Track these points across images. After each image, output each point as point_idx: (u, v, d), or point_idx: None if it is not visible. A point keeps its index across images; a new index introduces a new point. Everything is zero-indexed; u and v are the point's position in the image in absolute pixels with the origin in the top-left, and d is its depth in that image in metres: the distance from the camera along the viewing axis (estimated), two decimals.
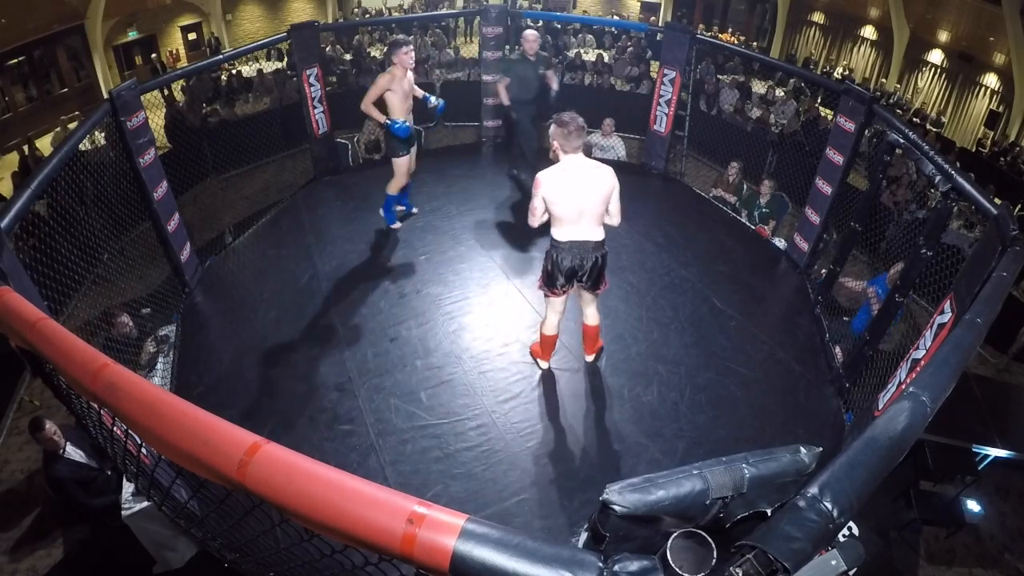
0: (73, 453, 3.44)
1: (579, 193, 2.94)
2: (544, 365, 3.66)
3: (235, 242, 5.13)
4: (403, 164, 4.51)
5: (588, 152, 5.80)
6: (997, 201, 2.88)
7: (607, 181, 2.96)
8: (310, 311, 4.10)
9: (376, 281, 4.35)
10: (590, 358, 3.68)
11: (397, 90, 4.14)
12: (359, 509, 0.92)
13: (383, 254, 4.65)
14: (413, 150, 4.57)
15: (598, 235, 3.06)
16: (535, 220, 3.05)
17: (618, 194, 3.03)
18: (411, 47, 4.20)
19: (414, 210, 5.12)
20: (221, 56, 5.21)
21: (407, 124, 4.25)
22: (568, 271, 3.12)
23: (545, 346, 3.57)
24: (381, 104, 4.20)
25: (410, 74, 4.24)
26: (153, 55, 13.06)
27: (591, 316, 3.48)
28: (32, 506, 4.07)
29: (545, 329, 3.46)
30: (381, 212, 4.88)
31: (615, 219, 3.12)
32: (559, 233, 3.05)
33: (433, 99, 4.40)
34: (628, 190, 5.32)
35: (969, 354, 1.69)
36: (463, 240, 4.81)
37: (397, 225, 4.91)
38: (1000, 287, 2.11)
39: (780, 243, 5.35)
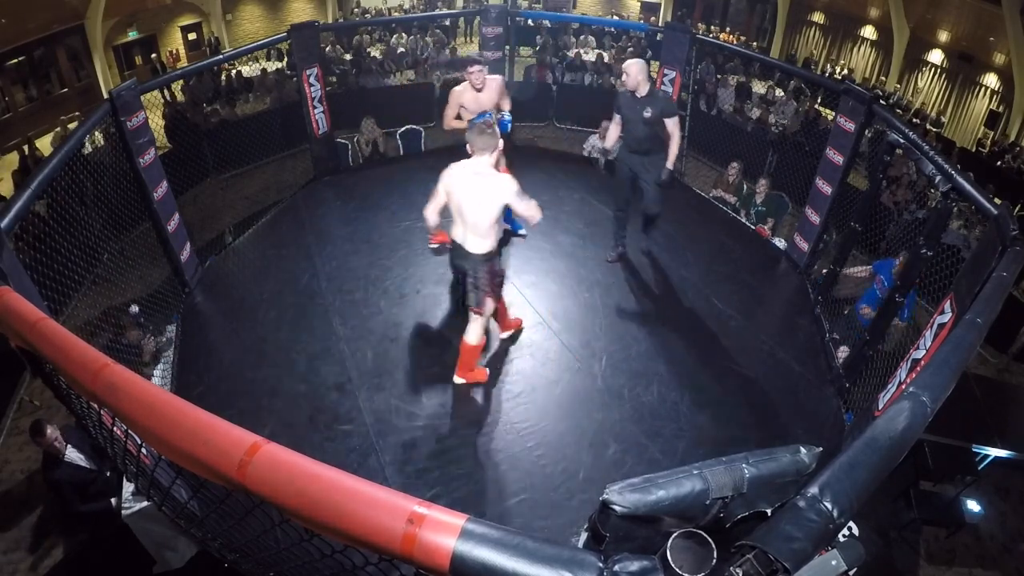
0: (73, 455, 3.44)
1: (464, 195, 2.91)
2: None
3: (235, 242, 5.12)
4: None
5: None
6: (997, 201, 2.88)
7: (496, 193, 2.87)
8: (310, 311, 4.10)
9: (376, 281, 4.35)
10: (457, 380, 3.45)
11: (468, 105, 4.07)
12: (359, 509, 0.92)
13: (383, 254, 4.65)
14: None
15: (476, 247, 2.99)
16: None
17: (518, 199, 2.92)
18: (480, 67, 4.00)
19: (521, 231, 4.80)
20: (221, 56, 5.22)
21: (505, 120, 4.10)
22: (456, 273, 3.09)
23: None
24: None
25: (489, 93, 4.05)
26: (153, 55, 13.05)
27: (466, 332, 3.27)
28: (32, 506, 4.07)
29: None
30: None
31: (529, 219, 3.01)
32: (452, 230, 3.08)
33: (507, 116, 4.17)
34: None
35: (969, 354, 1.69)
36: None
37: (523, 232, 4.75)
38: (1000, 287, 2.11)
39: (780, 243, 5.35)
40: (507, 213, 4.55)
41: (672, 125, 3.96)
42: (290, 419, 3.34)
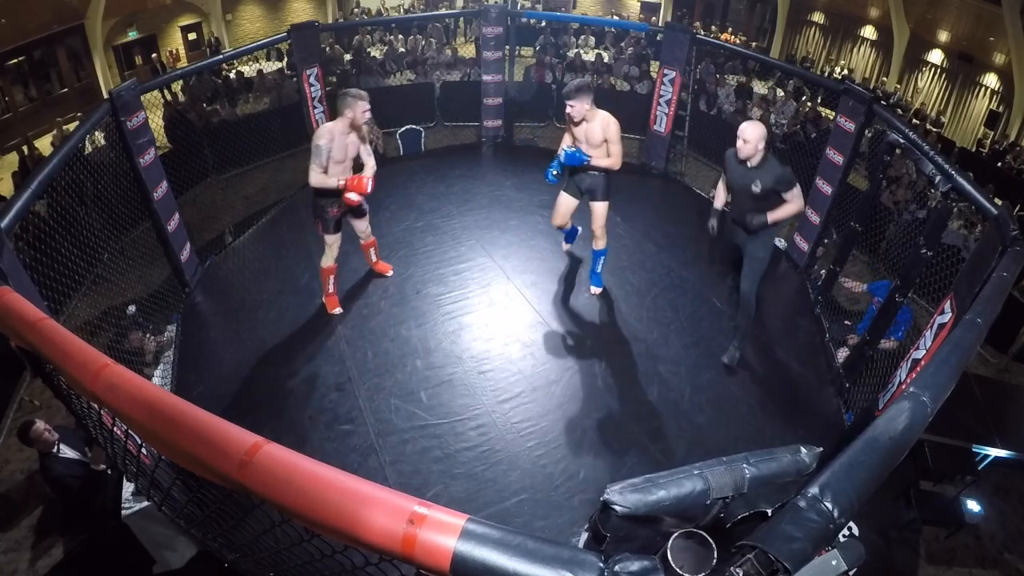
0: (67, 452, 3.45)
1: None
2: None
3: (235, 242, 5.12)
4: (558, 199, 4.10)
5: None
6: (997, 201, 2.88)
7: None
8: (310, 311, 4.10)
9: (376, 281, 4.35)
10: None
11: (574, 131, 3.85)
12: (359, 509, 0.92)
13: (383, 254, 4.64)
14: (589, 201, 3.93)
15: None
16: None
17: (312, 153, 3.44)
18: (572, 102, 3.66)
19: (594, 289, 4.25)
20: (221, 56, 5.22)
21: (570, 151, 3.76)
22: None
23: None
24: None
25: (591, 127, 3.72)
26: (153, 55, 13.04)
27: None
28: (32, 506, 4.07)
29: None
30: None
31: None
32: None
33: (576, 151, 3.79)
34: (628, 190, 5.38)
35: (969, 354, 1.69)
36: (463, 240, 4.81)
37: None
38: (1000, 287, 2.11)
39: (780, 243, 5.34)
40: (593, 263, 4.30)
41: (791, 195, 3.20)
42: (290, 419, 3.34)
